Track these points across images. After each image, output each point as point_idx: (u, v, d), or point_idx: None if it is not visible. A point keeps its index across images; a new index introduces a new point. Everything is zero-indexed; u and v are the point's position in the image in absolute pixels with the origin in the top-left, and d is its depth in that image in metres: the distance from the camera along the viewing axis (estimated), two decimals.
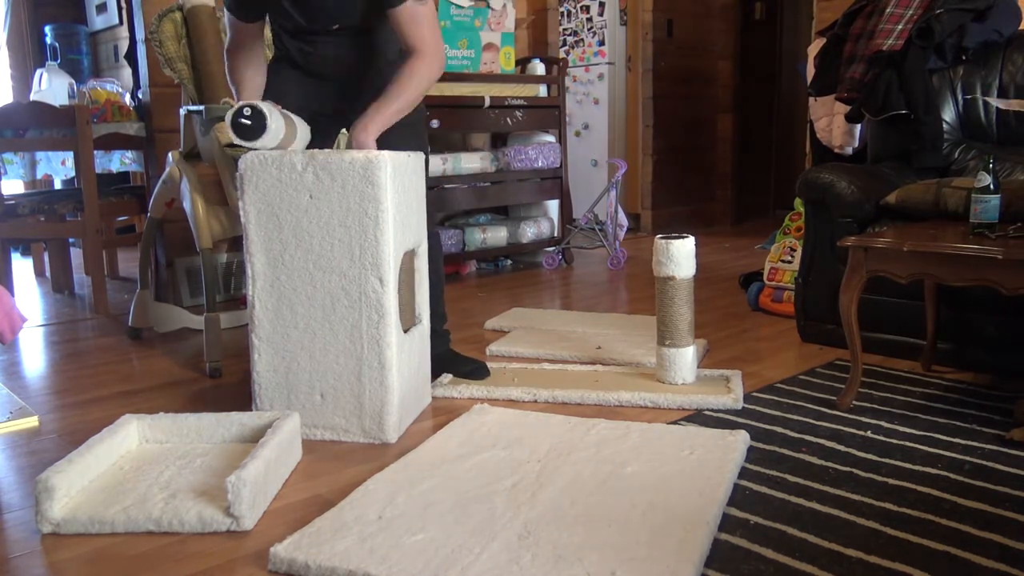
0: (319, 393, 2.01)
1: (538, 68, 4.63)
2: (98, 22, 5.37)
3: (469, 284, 4.18)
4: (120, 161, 4.27)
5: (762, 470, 1.79)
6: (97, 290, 3.59)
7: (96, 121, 3.58)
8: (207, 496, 1.64)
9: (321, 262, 1.96)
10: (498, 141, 4.72)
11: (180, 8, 3.07)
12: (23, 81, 5.63)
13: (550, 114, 4.54)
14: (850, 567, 1.39)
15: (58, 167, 4.32)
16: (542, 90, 4.54)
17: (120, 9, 5.06)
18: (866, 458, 1.84)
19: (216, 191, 2.72)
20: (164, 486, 1.69)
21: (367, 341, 1.96)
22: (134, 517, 1.56)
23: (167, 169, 2.83)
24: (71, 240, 4.62)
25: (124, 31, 5.07)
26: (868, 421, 2.08)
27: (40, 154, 4.24)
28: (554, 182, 4.58)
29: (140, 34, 3.59)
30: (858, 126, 3.70)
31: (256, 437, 1.90)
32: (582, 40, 6.17)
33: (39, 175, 4.31)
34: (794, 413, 2.15)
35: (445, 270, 3.46)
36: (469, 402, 2.29)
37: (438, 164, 4.09)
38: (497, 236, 4.42)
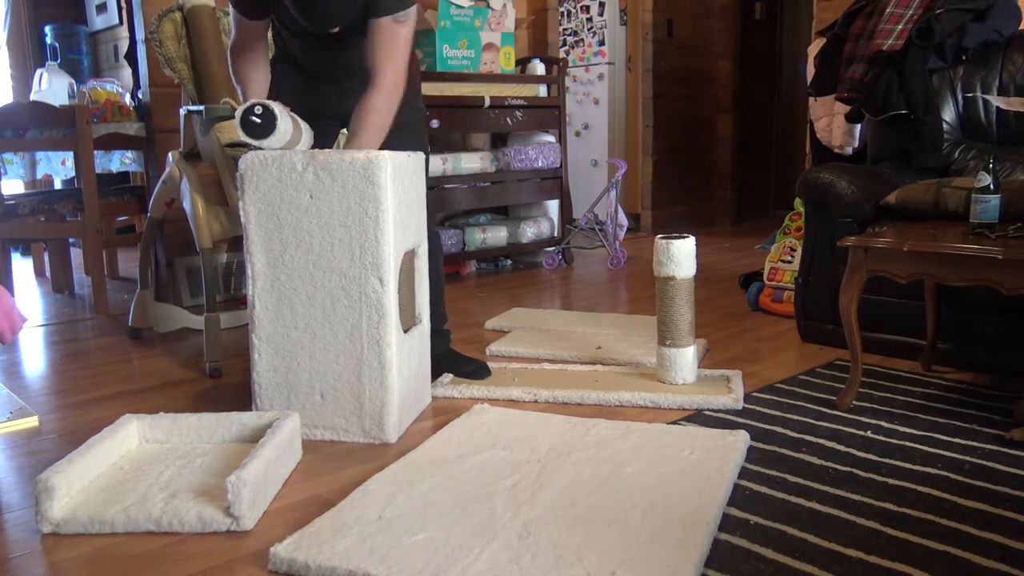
0: (319, 393, 2.01)
1: (538, 68, 4.63)
2: (98, 22, 5.37)
3: (469, 284, 4.18)
4: (120, 161, 4.27)
5: (762, 470, 1.79)
6: (97, 290, 3.59)
7: (96, 121, 3.58)
8: (207, 496, 1.64)
9: (321, 262, 1.96)
10: (498, 141, 4.72)
11: (180, 8, 3.07)
12: (23, 81, 5.63)
13: (550, 114, 4.54)
14: (850, 567, 1.39)
15: (58, 167, 4.32)
16: (542, 90, 4.54)
17: (120, 9, 5.06)
18: (866, 458, 1.84)
19: (216, 191, 2.72)
20: (164, 486, 1.69)
21: (367, 341, 1.96)
22: (134, 517, 1.57)
23: (167, 169, 2.83)
24: (71, 240, 4.62)
25: (124, 31, 5.07)
26: (868, 421, 2.08)
27: (40, 154, 4.23)
28: (554, 182, 4.58)
29: (140, 34, 3.59)
30: (858, 126, 3.70)
31: (256, 437, 1.90)
32: (582, 40, 6.17)
33: (39, 175, 4.31)
34: (794, 413, 2.15)
35: (445, 270, 3.47)
36: (469, 402, 2.29)
37: (438, 164, 4.09)
38: (497, 236, 4.42)
